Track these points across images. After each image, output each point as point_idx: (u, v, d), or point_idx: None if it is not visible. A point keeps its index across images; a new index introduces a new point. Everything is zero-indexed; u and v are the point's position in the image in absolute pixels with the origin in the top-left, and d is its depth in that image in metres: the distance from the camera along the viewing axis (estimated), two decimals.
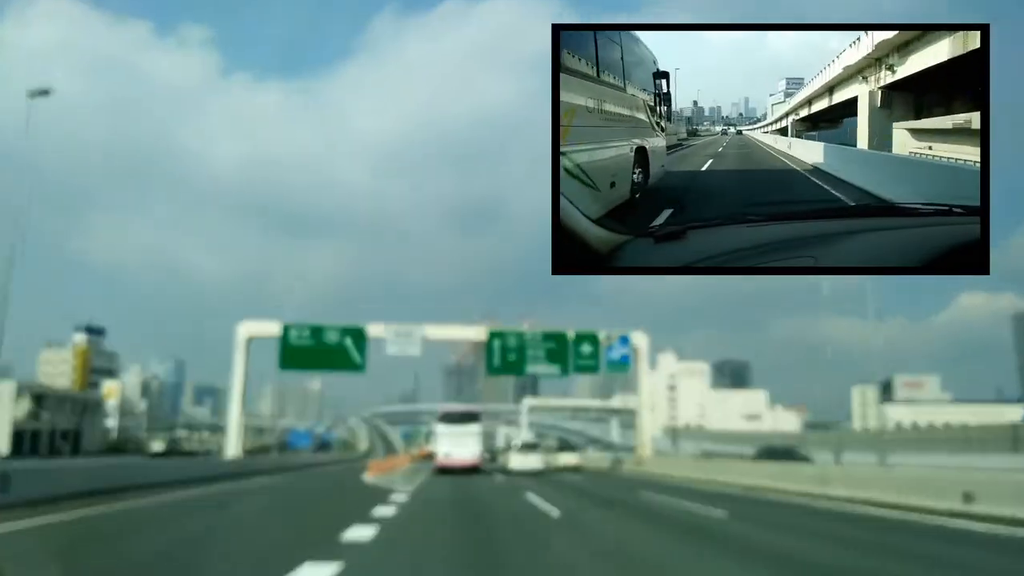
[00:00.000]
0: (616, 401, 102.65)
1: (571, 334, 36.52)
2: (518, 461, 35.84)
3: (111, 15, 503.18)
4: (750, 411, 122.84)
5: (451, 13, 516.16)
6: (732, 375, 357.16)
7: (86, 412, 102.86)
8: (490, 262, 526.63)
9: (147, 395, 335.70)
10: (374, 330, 36.25)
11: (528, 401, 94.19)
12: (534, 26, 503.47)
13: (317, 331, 35.27)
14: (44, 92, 23.28)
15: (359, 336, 35.60)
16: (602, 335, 36.77)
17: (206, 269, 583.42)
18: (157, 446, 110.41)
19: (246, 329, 35.64)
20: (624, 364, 37.02)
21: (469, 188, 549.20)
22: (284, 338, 35.16)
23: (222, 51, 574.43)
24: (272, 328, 35.63)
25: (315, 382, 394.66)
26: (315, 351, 35.24)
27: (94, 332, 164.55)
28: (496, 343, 36.74)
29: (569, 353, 36.36)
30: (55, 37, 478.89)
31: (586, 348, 36.51)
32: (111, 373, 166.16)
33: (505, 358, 36.59)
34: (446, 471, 34.60)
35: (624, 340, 36.51)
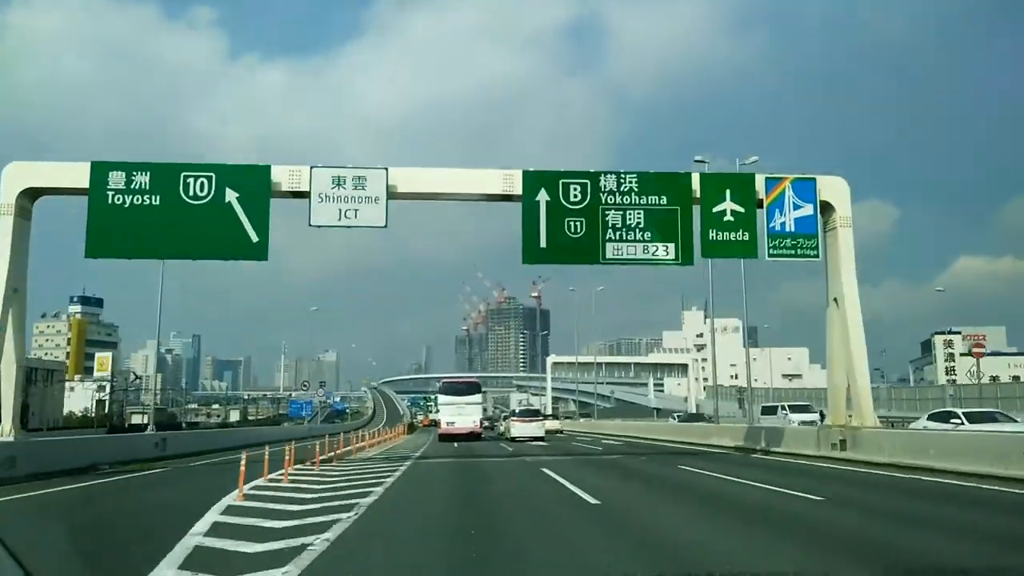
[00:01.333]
0: (654, 357, 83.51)
1: (696, 180, 16.27)
2: (519, 428, 34.19)
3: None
4: (791, 369, 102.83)
5: None
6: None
7: (37, 383, 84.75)
8: (500, 234, 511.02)
9: (162, 369, 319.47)
10: (282, 175, 16.18)
11: (553, 358, 74.61)
12: (540, 3, 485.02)
13: (164, 178, 15.25)
14: None
15: (256, 186, 15.70)
16: (759, 179, 16.37)
17: None
18: (137, 419, 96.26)
19: (17, 176, 15.44)
20: (809, 235, 16.38)
21: (477, 163, 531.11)
22: (95, 196, 15.25)
23: (230, 32, 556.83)
24: (69, 174, 15.65)
25: (331, 354, 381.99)
26: (162, 221, 15.25)
27: (91, 303, 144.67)
28: (540, 198, 16.32)
29: (691, 219, 16.13)
30: (64, 20, 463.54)
31: (730, 207, 15.98)
32: (110, 346, 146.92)
33: (561, 230, 16.32)
34: (448, 438, 34.65)
35: (805, 187, 16.08)
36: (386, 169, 16.46)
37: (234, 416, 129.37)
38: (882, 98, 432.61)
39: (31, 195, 15.86)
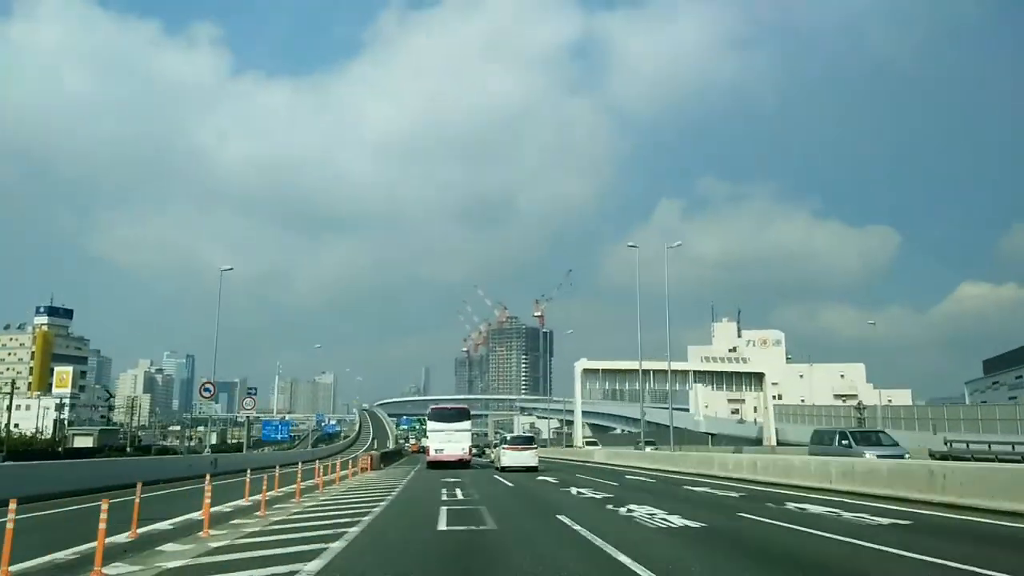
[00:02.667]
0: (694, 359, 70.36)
1: None
2: (511, 457, 31.49)
3: (120, 14, 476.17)
4: (844, 389, 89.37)
5: (459, 5, 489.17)
6: None
7: None
8: (500, 254, 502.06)
9: (152, 390, 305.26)
10: None
11: (584, 363, 62.14)
12: (542, 19, 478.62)
13: None
14: None
15: None
16: None
17: (220, 264, 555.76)
18: (81, 442, 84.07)
19: None
20: None
21: (479, 182, 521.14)
22: None
23: (232, 49, 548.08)
24: None
25: (327, 375, 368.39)
26: None
27: (59, 314, 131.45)
28: None
29: None
30: (64, 37, 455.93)
31: None
32: (80, 360, 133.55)
33: None
34: (436, 465, 34.04)
35: None
36: None
37: (212, 439, 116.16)
38: (886, 120, 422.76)
39: None
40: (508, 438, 37.47)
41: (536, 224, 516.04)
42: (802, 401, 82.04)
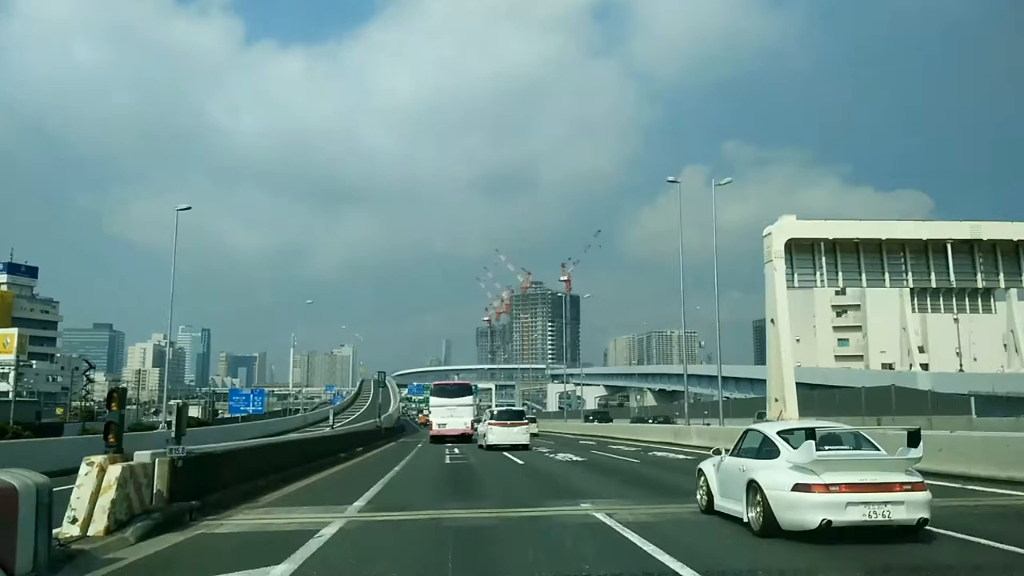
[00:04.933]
0: None
1: None
2: (498, 434, 27.88)
3: None
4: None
5: None
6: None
7: None
8: (521, 226, 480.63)
9: (161, 364, 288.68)
10: None
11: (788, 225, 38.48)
12: None
13: None
14: None
15: None
16: None
17: (238, 241, 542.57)
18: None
19: None
20: None
21: (499, 152, 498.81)
22: None
23: (244, 17, 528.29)
24: None
25: (346, 348, 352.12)
26: None
27: (19, 271, 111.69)
28: None
29: None
30: (75, 7, 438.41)
31: None
32: (48, 326, 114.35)
33: None
34: (439, 439, 34.29)
35: None
36: None
37: (194, 412, 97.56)
38: (924, 79, 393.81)
39: None
40: (495, 412, 32.40)
41: (558, 195, 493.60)
42: (943, 357, 60.83)
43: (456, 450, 27.95)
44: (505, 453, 24.94)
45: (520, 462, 21.31)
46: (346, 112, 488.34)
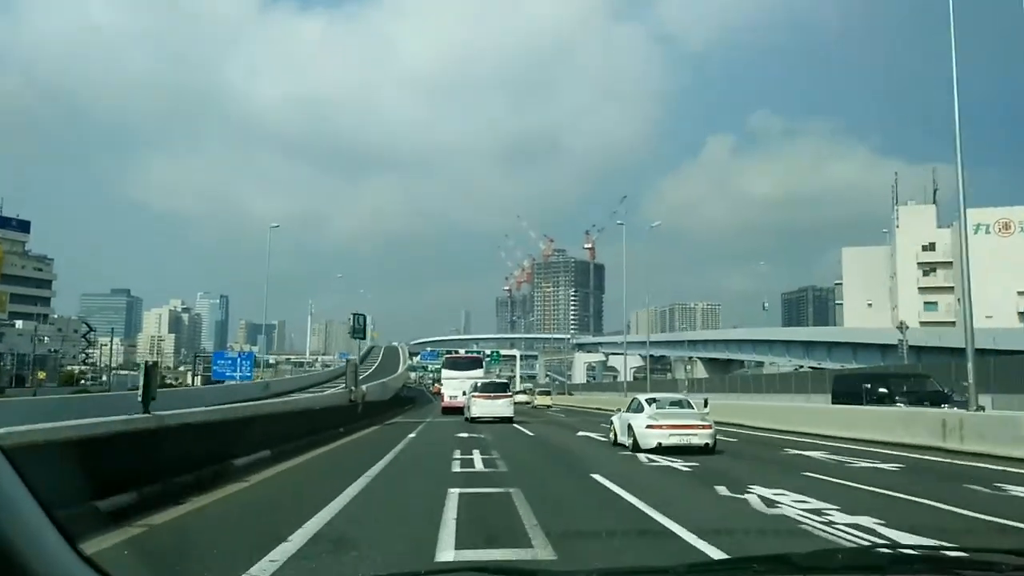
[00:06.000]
0: None
1: None
2: (481, 407, 27.99)
3: None
4: None
5: None
6: (815, 302, 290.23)
7: None
8: (543, 196, 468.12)
9: (177, 330, 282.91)
10: None
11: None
12: None
13: None
14: None
15: None
16: None
17: (256, 207, 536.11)
18: None
19: None
20: None
21: (522, 118, 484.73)
22: None
23: None
24: None
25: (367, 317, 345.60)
26: None
27: (9, 225, 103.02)
28: None
29: None
30: None
31: None
32: (42, 284, 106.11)
33: None
34: (450, 410, 34.38)
35: None
36: None
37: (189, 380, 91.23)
38: (972, 46, 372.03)
39: None
40: (479, 384, 31.05)
41: (581, 164, 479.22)
42: None
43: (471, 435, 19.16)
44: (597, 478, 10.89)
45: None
46: (366, 78, 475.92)
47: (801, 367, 60.85)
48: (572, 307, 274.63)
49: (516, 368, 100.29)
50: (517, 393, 76.12)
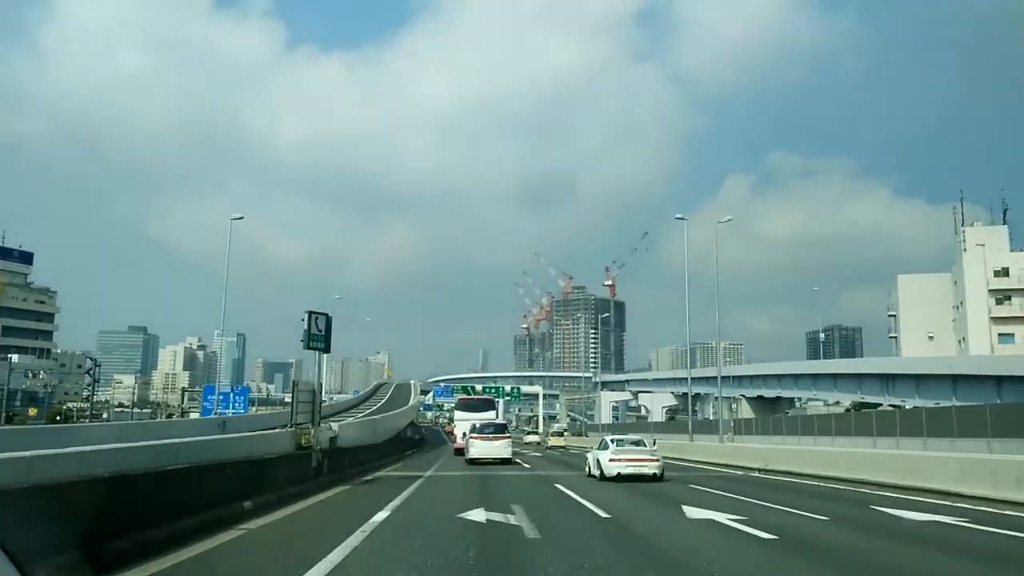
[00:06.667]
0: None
1: None
2: (480, 448, 28.15)
3: None
4: None
5: None
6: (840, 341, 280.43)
7: None
8: (560, 237, 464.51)
9: (192, 367, 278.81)
10: None
11: None
12: None
13: None
14: None
15: None
16: None
17: (278, 248, 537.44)
18: None
19: None
20: None
21: (539, 160, 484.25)
22: None
23: (285, 22, 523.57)
24: None
25: (381, 355, 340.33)
26: None
27: (11, 256, 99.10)
28: None
29: None
30: (115, 12, 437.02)
31: None
32: (44, 318, 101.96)
33: None
34: (462, 452, 31.98)
35: None
36: None
37: (193, 415, 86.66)
38: (992, 84, 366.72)
39: None
40: (477, 426, 30.65)
41: (599, 205, 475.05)
42: None
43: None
44: None
45: None
46: (385, 119, 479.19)
47: (861, 403, 54.00)
48: (592, 345, 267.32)
49: (539, 407, 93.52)
50: (529, 435, 69.27)
